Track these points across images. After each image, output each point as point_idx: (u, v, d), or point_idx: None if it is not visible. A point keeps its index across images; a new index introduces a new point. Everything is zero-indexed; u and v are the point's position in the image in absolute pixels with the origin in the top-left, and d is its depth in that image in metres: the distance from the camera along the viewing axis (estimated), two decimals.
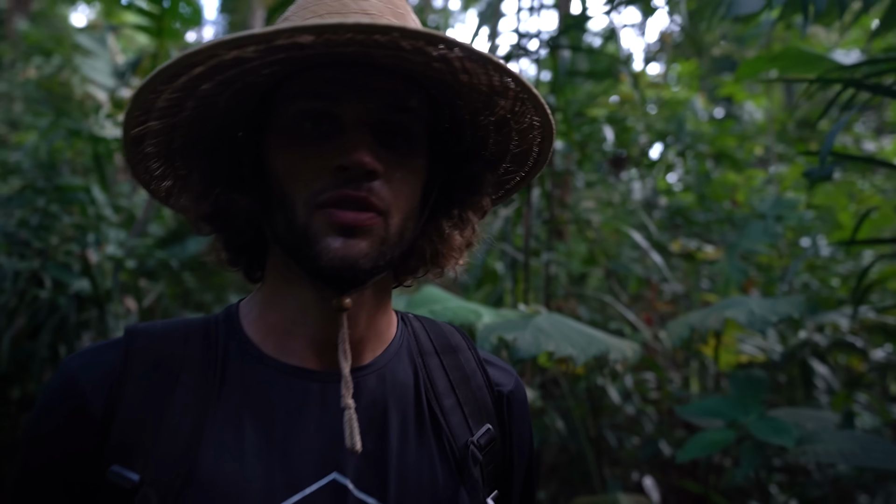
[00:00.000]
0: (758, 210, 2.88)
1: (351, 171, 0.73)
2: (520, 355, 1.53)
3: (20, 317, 2.83)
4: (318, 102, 0.76)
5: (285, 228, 0.76)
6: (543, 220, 3.36)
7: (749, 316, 1.69)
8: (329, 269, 0.73)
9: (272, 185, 0.78)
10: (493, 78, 0.75)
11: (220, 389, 0.78)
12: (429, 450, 0.84)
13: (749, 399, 1.78)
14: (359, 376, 0.83)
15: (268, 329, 0.82)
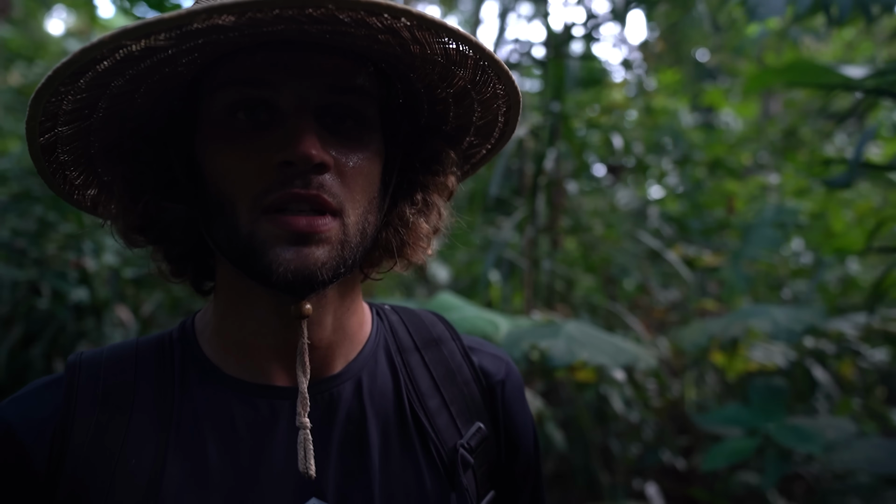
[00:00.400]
0: (760, 218, 2.91)
1: (297, 165, 0.64)
2: (554, 363, 1.52)
3: (16, 326, 2.77)
4: (251, 90, 0.66)
5: (227, 238, 0.68)
6: (541, 228, 3.36)
7: (774, 326, 1.69)
8: (282, 284, 0.65)
9: (208, 189, 0.69)
10: (449, 46, 0.66)
11: (178, 418, 0.71)
12: (414, 459, 0.77)
13: (770, 407, 1.79)
14: (331, 387, 0.76)
15: (227, 345, 0.75)
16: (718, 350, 2.38)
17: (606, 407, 2.90)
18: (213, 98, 0.68)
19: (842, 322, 2.38)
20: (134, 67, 0.61)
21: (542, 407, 2.65)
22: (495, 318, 2.00)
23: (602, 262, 3.65)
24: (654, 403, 3.29)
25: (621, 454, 3.13)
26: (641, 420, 3.14)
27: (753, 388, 1.90)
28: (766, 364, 2.29)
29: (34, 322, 2.82)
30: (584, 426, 2.75)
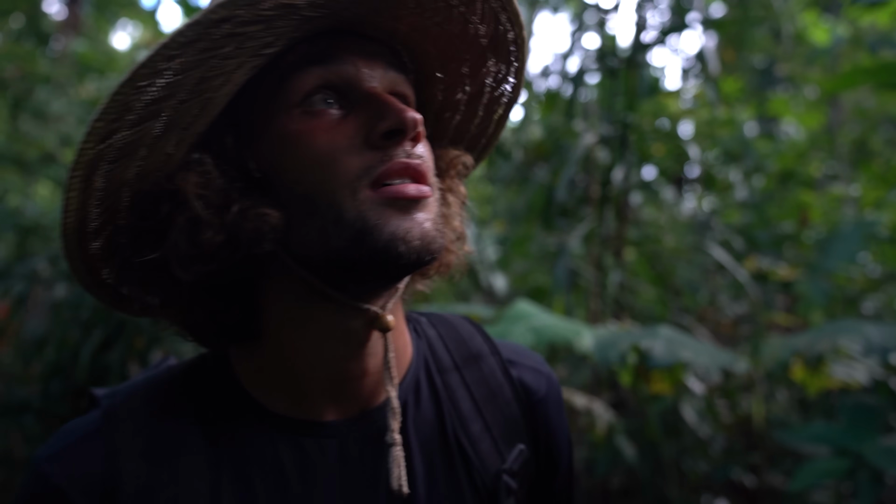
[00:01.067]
0: (839, 230, 2.83)
1: (406, 132, 0.62)
2: (656, 363, 1.51)
3: (97, 330, 2.86)
4: (333, 69, 0.64)
5: (326, 235, 0.62)
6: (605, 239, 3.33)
7: (865, 344, 1.64)
8: (411, 255, 0.62)
9: (292, 192, 0.63)
10: (500, 28, 0.69)
11: (227, 463, 0.67)
12: (459, 489, 0.74)
13: (862, 427, 1.73)
14: (379, 419, 0.72)
15: (275, 381, 0.70)
16: (799, 365, 2.32)
17: (678, 420, 2.85)
18: (284, 89, 0.64)
19: None
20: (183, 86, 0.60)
21: (613, 419, 2.62)
22: (576, 325, 1.99)
23: (667, 273, 3.59)
24: (724, 418, 3.22)
25: (690, 469, 3.07)
26: (711, 435, 3.08)
27: (843, 406, 1.84)
28: (849, 381, 2.22)
29: (113, 327, 2.91)
30: (655, 439, 2.70)
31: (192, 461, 0.66)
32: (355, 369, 0.70)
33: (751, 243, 3.78)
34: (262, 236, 0.62)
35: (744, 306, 3.68)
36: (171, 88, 0.58)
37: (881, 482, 1.67)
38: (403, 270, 0.64)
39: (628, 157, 3.03)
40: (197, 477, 0.65)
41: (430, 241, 0.62)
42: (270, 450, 0.68)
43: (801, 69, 5.08)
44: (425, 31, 0.69)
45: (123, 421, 0.66)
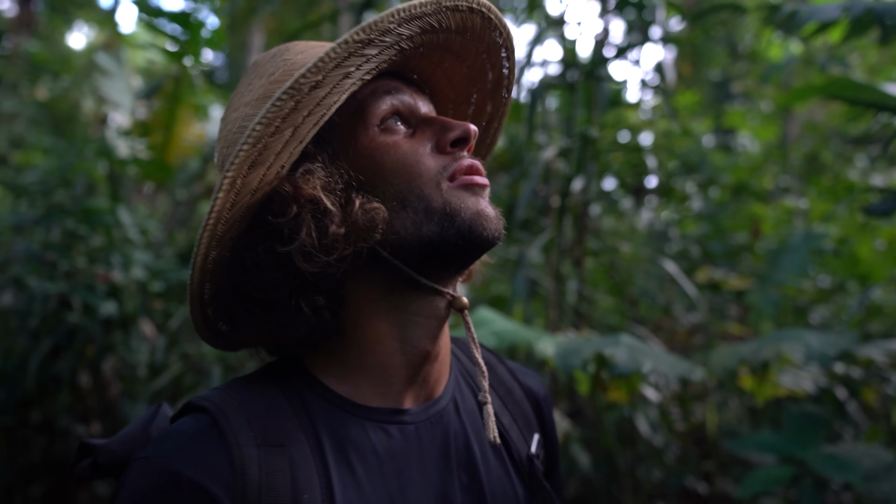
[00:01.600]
0: (789, 242, 2.90)
1: (469, 139, 0.78)
2: (619, 371, 1.53)
3: (45, 339, 2.79)
4: (402, 99, 0.81)
5: (419, 219, 0.75)
6: (564, 249, 3.37)
7: (807, 351, 1.69)
8: (492, 230, 0.76)
9: (386, 188, 0.76)
10: (504, 69, 0.89)
11: (329, 450, 0.74)
12: (506, 470, 0.86)
13: (806, 434, 1.78)
14: (441, 409, 0.83)
15: (356, 373, 0.79)
16: (748, 373, 2.37)
17: (632, 429, 2.89)
18: (363, 114, 0.79)
19: (872, 348, 2.36)
20: None
21: (569, 427, 2.64)
22: (535, 333, 2.01)
23: (624, 283, 3.65)
24: (678, 427, 3.27)
25: (644, 477, 3.11)
26: (665, 443, 3.12)
27: (787, 414, 1.88)
28: (796, 390, 2.27)
29: (62, 335, 2.84)
30: (611, 448, 2.73)
31: (300, 449, 0.72)
32: (433, 350, 0.81)
33: (706, 254, 3.86)
34: (375, 227, 0.74)
35: (698, 316, 3.75)
36: (308, 102, 0.71)
37: (824, 489, 1.72)
38: (485, 244, 0.77)
39: (589, 168, 3.06)
40: (307, 463, 0.71)
41: (498, 221, 0.78)
42: (364, 437, 0.76)
43: (756, 85, 5.21)
44: (452, 76, 0.89)
45: (234, 416, 0.71)
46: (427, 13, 0.75)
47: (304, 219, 0.73)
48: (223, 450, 0.68)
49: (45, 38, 9.68)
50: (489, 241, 0.76)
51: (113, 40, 6.80)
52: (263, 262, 0.74)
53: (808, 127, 5.60)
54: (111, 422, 3.13)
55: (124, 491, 0.68)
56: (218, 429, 0.70)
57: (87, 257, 3.03)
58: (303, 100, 0.70)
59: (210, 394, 0.75)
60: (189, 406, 0.75)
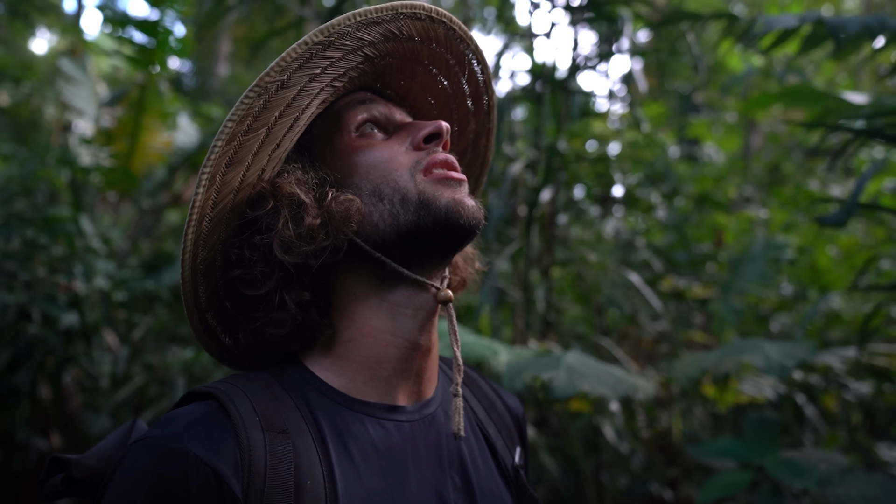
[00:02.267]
0: (750, 251, 2.95)
1: (441, 135, 0.82)
2: (556, 395, 1.54)
3: (3, 350, 2.73)
4: (376, 108, 0.86)
5: (395, 211, 0.78)
6: (532, 259, 3.39)
7: (766, 361, 1.72)
8: (469, 218, 0.78)
9: (362, 184, 0.80)
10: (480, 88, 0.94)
11: (330, 440, 0.75)
12: (494, 475, 0.89)
13: (764, 440, 1.81)
14: (432, 411, 0.85)
15: (351, 369, 0.80)
16: (710, 383, 2.41)
17: (598, 437, 2.91)
18: (339, 123, 0.84)
19: (830, 356, 2.42)
20: None
21: (535, 436, 2.65)
22: (494, 345, 2.02)
23: (591, 292, 3.68)
24: (643, 434, 3.31)
25: (610, 484, 3.14)
26: (630, 450, 3.15)
27: (747, 421, 1.92)
28: (757, 397, 2.31)
29: (22, 346, 2.78)
30: (576, 455, 2.75)
31: (303, 438, 0.73)
32: (424, 343, 0.83)
33: (670, 263, 3.92)
34: (350, 217, 0.77)
35: (663, 324, 3.80)
36: (277, 103, 0.74)
37: (782, 493, 1.75)
38: (462, 231, 0.78)
39: (557, 179, 3.10)
40: (310, 450, 0.72)
41: (477, 210, 0.79)
42: (363, 430, 0.77)
43: (718, 96, 5.31)
44: (430, 91, 0.93)
45: (240, 401, 0.71)
46: (385, 19, 0.78)
47: (281, 211, 0.77)
48: (231, 431, 0.68)
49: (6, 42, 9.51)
50: (466, 229, 0.78)
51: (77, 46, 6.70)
52: (247, 257, 0.77)
53: (770, 138, 5.72)
54: (72, 434, 3.07)
55: (124, 471, 0.66)
56: (225, 411, 0.70)
57: (48, 267, 2.97)
58: (271, 99, 0.73)
59: (212, 384, 0.76)
60: (191, 395, 0.75)
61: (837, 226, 1.67)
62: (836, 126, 1.66)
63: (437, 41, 0.86)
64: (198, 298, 0.80)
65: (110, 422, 2.85)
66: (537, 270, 3.40)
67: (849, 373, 2.65)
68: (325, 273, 0.80)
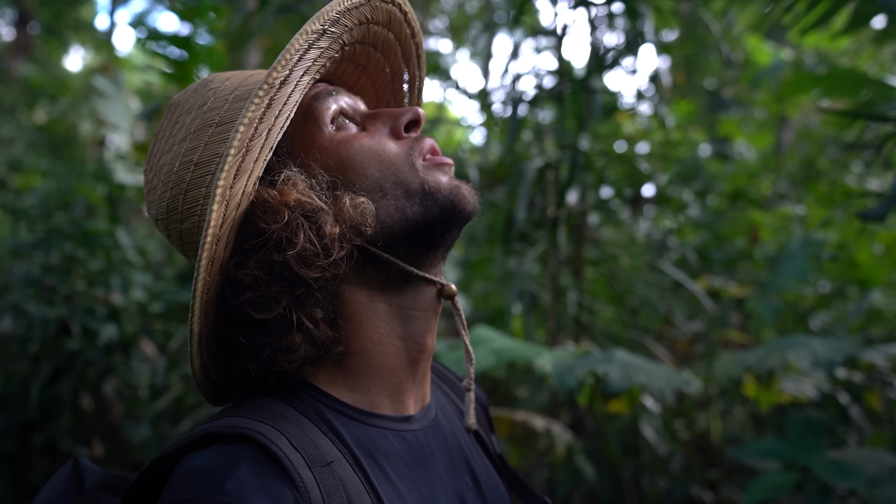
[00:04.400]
0: (788, 249, 2.90)
1: (419, 122, 0.80)
2: (613, 388, 1.52)
3: (46, 363, 2.79)
4: (344, 98, 0.81)
5: (402, 203, 0.75)
6: (562, 261, 3.37)
7: (813, 357, 1.68)
8: (471, 200, 0.77)
9: (359, 182, 0.75)
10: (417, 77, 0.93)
11: (365, 463, 0.71)
12: (489, 467, 0.89)
13: (809, 440, 1.77)
14: (433, 415, 0.84)
15: (362, 384, 0.76)
16: (751, 381, 2.36)
17: (636, 439, 2.88)
18: (313, 119, 0.78)
19: (874, 353, 2.36)
20: None
21: (572, 440, 2.63)
22: (534, 347, 2.01)
23: (625, 293, 3.64)
24: (682, 436, 3.26)
25: (650, 487, 3.10)
26: (669, 453, 3.11)
27: (790, 421, 1.88)
28: (799, 396, 2.26)
29: (63, 358, 2.84)
30: (614, 459, 2.72)
31: (343, 466, 0.69)
32: (430, 343, 0.80)
33: (705, 261, 3.86)
34: (366, 221, 0.73)
35: (699, 324, 3.74)
36: (279, 100, 0.70)
37: (829, 495, 1.71)
38: (466, 217, 0.77)
39: (584, 179, 3.07)
40: (353, 479, 0.68)
41: (474, 193, 0.79)
42: (389, 445, 0.75)
43: (748, 91, 5.23)
44: (376, 79, 0.91)
45: (278, 439, 0.65)
46: (363, 3, 0.76)
47: (300, 222, 0.70)
48: (284, 475, 0.62)
49: (42, 61, 9.73)
50: (470, 214, 0.78)
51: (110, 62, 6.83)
52: (261, 278, 0.69)
53: (804, 133, 5.62)
54: (113, 443, 3.12)
55: None
56: (269, 454, 0.63)
57: (87, 280, 3.03)
58: (275, 97, 0.69)
59: (230, 421, 0.67)
60: (206, 439, 0.66)
61: (878, 220, 1.63)
62: (878, 116, 1.60)
63: (394, 24, 0.84)
64: (202, 336, 0.71)
65: (150, 431, 2.89)
66: (568, 272, 3.38)
67: (893, 370, 2.58)
68: (334, 284, 0.74)
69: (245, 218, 0.71)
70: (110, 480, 0.78)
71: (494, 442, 0.97)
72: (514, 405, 3.57)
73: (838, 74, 2.06)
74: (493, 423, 1.03)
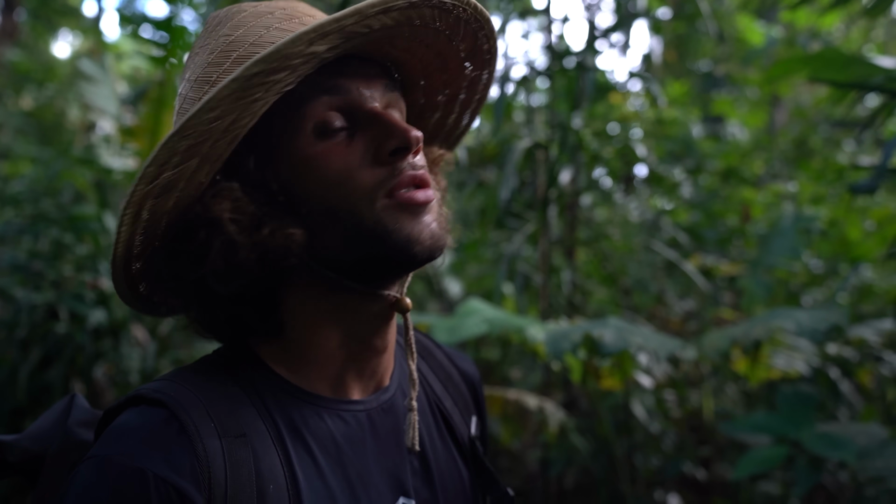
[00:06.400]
0: (779, 226, 2.90)
1: (409, 148, 0.71)
2: (608, 350, 1.52)
3: (35, 349, 2.77)
4: (335, 98, 0.72)
5: (348, 239, 0.71)
6: (553, 241, 3.36)
7: (798, 326, 1.68)
8: (424, 253, 0.71)
9: (312, 206, 0.71)
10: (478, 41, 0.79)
11: (288, 439, 0.72)
12: (451, 453, 0.88)
13: (799, 415, 1.77)
14: (389, 395, 0.83)
15: (309, 367, 0.77)
16: (741, 356, 2.36)
17: (629, 418, 2.88)
18: (298, 116, 0.71)
19: (864, 328, 2.36)
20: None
21: (565, 418, 2.63)
22: (524, 320, 2.02)
23: (617, 273, 3.64)
24: (674, 414, 3.27)
25: (642, 465, 3.11)
26: (661, 431, 3.12)
27: (781, 395, 1.88)
28: (789, 371, 2.27)
29: (52, 344, 2.82)
30: (607, 437, 2.73)
31: (261, 440, 0.70)
32: (379, 344, 0.79)
33: (697, 241, 3.86)
34: (289, 252, 0.70)
35: (691, 303, 3.75)
36: (211, 133, 0.65)
37: (819, 467, 1.72)
38: (418, 265, 0.74)
39: (577, 159, 3.05)
40: (270, 453, 0.69)
41: (437, 239, 0.72)
42: (321, 424, 0.75)
43: (740, 69, 5.22)
44: (414, 51, 0.79)
45: (192, 407, 0.67)
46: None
47: (213, 244, 0.69)
48: (187, 443, 0.65)
49: (29, 47, 9.63)
50: (422, 263, 0.73)
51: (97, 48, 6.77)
52: (173, 282, 0.72)
53: (796, 112, 5.61)
54: None
55: (77, 493, 0.63)
56: (178, 422, 0.66)
57: (75, 266, 3.01)
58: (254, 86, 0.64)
59: (160, 385, 0.71)
60: (137, 399, 0.70)
61: (869, 192, 1.62)
62: (870, 86, 1.59)
63: None
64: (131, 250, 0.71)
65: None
66: (560, 252, 3.37)
67: (885, 345, 2.58)
68: (270, 287, 0.74)
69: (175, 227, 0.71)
70: (92, 418, 0.81)
71: (473, 426, 0.93)
72: (507, 386, 3.58)
73: (827, 55, 2.05)
74: (483, 403, 1.00)
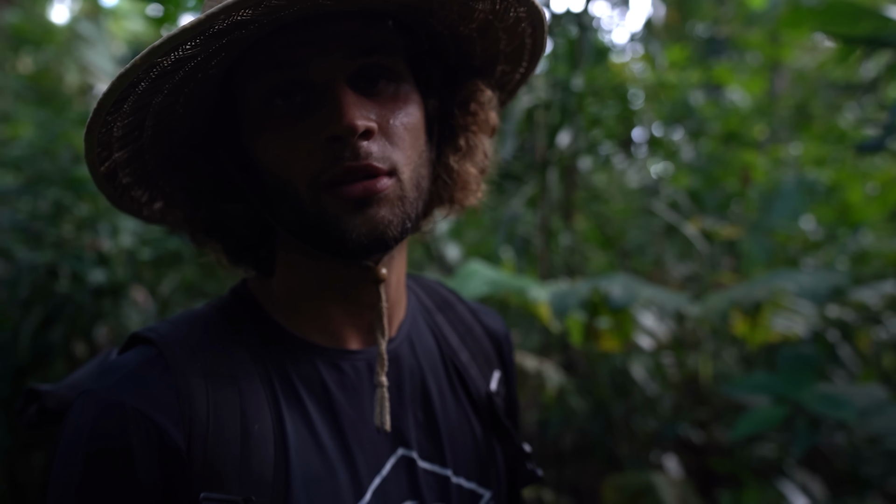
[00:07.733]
0: (781, 188, 2.88)
1: (344, 138, 0.66)
2: (616, 304, 1.53)
3: (36, 309, 2.77)
4: (280, 74, 0.68)
5: (296, 218, 0.71)
6: (553, 204, 3.34)
7: (799, 287, 1.68)
8: (358, 250, 0.70)
9: (267, 178, 0.71)
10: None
11: (278, 383, 0.73)
12: (462, 407, 0.87)
13: (800, 375, 1.78)
14: (394, 345, 0.82)
15: (301, 315, 0.78)
16: (740, 319, 2.37)
17: (627, 380, 2.91)
18: (247, 91, 0.70)
19: (866, 291, 2.36)
20: (169, 81, 0.64)
21: (564, 380, 2.65)
22: (524, 280, 2.02)
23: (616, 236, 3.64)
24: (672, 377, 3.29)
25: (640, 427, 3.14)
26: (659, 393, 3.14)
27: (781, 356, 1.88)
28: (788, 334, 2.28)
29: (53, 304, 2.82)
30: (605, 399, 2.75)
31: (250, 381, 0.70)
32: (368, 300, 0.77)
33: (697, 204, 3.84)
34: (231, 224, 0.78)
35: (690, 267, 3.75)
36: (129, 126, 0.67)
37: (817, 428, 1.73)
38: (357, 257, 0.72)
39: (576, 121, 3.03)
40: (257, 394, 0.70)
41: (380, 233, 0.69)
42: (314, 371, 0.75)
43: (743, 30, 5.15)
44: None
45: (180, 346, 0.69)
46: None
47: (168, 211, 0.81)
48: (168, 380, 0.67)
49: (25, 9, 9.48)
50: (360, 255, 0.72)
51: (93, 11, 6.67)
52: None
53: (797, 77, 5.55)
54: None
55: (67, 426, 0.66)
56: (163, 359, 0.68)
57: (75, 226, 3.00)
58: None
59: (156, 325, 0.73)
60: (134, 339, 0.73)
61: (876, 151, 1.61)
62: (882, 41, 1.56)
63: None
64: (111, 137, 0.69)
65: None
66: (559, 216, 3.36)
67: (886, 308, 2.59)
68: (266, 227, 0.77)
69: None
70: None
71: (495, 381, 0.92)
72: None
73: (837, 7, 1.99)
74: (511, 360, 0.99)
